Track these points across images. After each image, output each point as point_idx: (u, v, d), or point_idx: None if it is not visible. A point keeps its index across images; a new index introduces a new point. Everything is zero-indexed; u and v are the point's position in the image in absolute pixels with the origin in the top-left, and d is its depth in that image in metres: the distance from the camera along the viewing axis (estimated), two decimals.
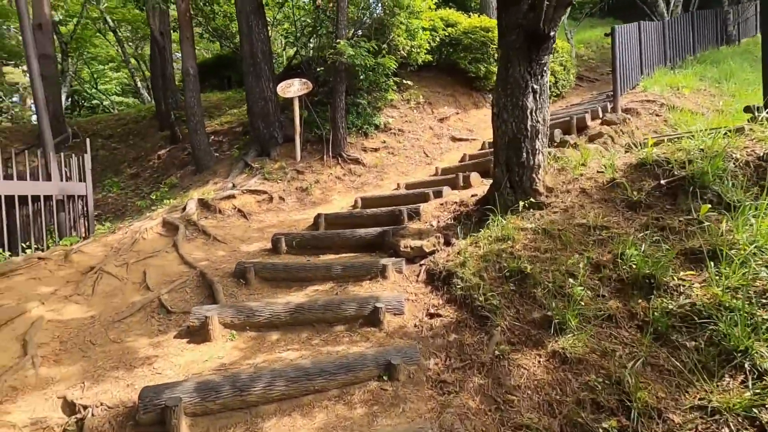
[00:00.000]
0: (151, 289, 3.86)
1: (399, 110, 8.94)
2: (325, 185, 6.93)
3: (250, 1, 7.44)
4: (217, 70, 16.02)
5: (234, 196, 6.18)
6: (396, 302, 3.22)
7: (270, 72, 7.81)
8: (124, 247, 4.64)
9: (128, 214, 8.48)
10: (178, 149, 10.46)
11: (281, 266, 3.95)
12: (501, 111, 3.83)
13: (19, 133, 13.41)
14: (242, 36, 7.67)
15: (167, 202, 6.93)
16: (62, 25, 17.98)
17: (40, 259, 4.07)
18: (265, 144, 7.80)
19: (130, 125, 12.54)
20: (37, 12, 11.57)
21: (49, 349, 2.95)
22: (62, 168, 6.73)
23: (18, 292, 3.60)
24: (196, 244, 5.00)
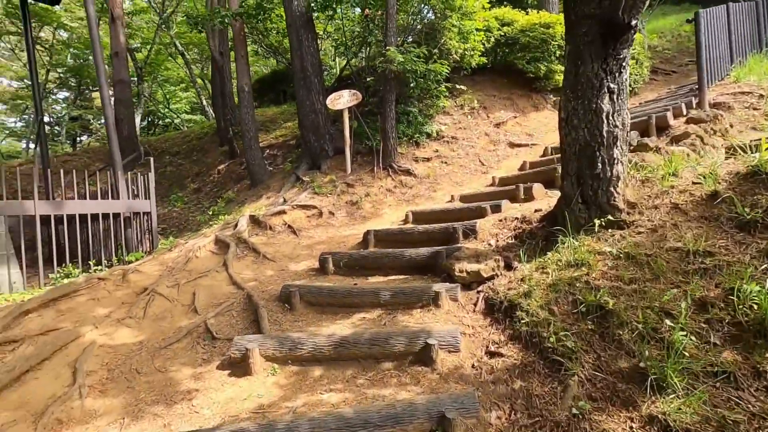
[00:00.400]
0: (199, 312, 3.81)
1: (452, 117, 8.53)
2: (375, 198, 6.70)
3: (299, 15, 7.46)
4: (273, 85, 16.56)
5: (284, 211, 6.13)
6: (450, 338, 2.85)
7: (320, 85, 7.77)
8: (177, 266, 4.69)
9: (189, 228, 8.82)
10: (236, 164, 10.81)
11: (326, 291, 3.72)
12: (570, 116, 3.34)
13: (101, 153, 14.67)
14: (293, 51, 7.70)
15: (222, 218, 7.07)
16: (138, 52, 19.62)
17: (100, 280, 4.19)
18: (316, 157, 7.75)
19: (194, 142, 13.23)
20: (114, 42, 12.61)
21: (97, 378, 2.93)
22: (130, 186, 7.12)
23: (77, 314, 3.70)
24: (245, 263, 4.95)
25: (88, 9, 7.16)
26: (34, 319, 3.58)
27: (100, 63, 7.14)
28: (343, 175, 7.22)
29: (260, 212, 6.13)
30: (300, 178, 7.48)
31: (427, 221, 5.40)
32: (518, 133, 8.34)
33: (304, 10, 7.48)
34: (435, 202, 6.42)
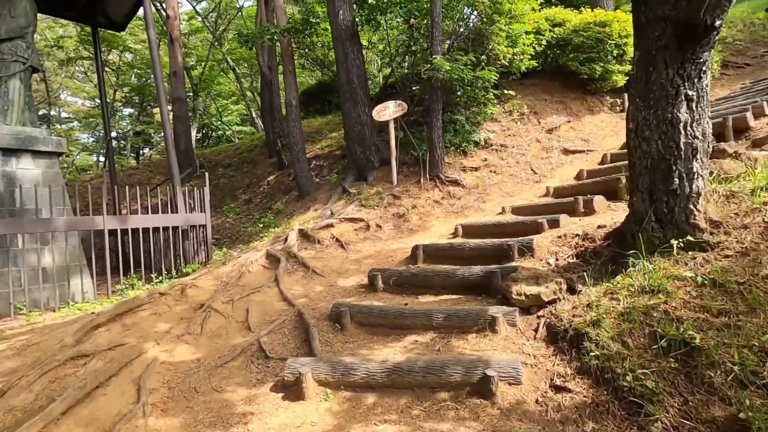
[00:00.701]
0: (252, 329, 3.86)
1: (500, 124, 8.25)
2: (422, 210, 6.58)
3: (345, 29, 7.52)
4: (319, 96, 16.92)
5: (332, 225, 6.16)
6: (511, 369, 2.67)
7: (366, 96, 7.79)
8: (231, 281, 4.82)
9: (241, 239, 9.12)
10: (284, 175, 11.09)
11: (377, 311, 3.65)
12: (640, 126, 3.07)
13: (161, 166, 15.62)
14: (339, 63, 7.78)
15: (273, 230, 7.23)
16: (193, 69, 20.81)
17: (161, 295, 4.38)
18: (362, 168, 7.75)
19: (245, 154, 13.76)
20: (173, 62, 13.42)
21: (159, 396, 3.02)
22: (187, 200, 7.47)
23: (140, 329, 3.87)
24: (295, 278, 5.00)
25: (149, 33, 7.63)
26: (103, 334, 3.78)
27: (160, 83, 7.57)
28: (390, 186, 7.16)
29: (308, 225, 6.20)
30: (346, 190, 7.51)
31: (478, 235, 5.21)
32: (572, 138, 7.92)
33: (349, 23, 7.54)
34: (485, 214, 6.19)
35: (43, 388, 3.14)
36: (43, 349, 3.84)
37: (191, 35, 21.39)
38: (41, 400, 3.03)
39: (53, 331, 4.37)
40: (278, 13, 8.47)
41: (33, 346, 4.01)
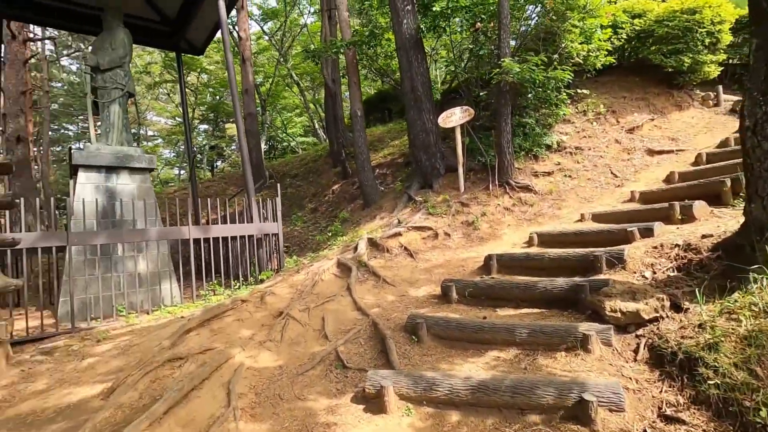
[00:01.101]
0: (329, 338, 3.92)
1: (574, 125, 7.79)
2: (492, 218, 6.36)
3: (409, 37, 7.54)
4: (379, 105, 17.17)
5: (400, 233, 6.14)
6: (611, 393, 2.45)
7: (430, 104, 7.73)
8: (306, 289, 4.95)
9: (309, 246, 9.42)
10: (348, 184, 11.33)
11: (455, 324, 3.54)
12: (760, 123, 2.70)
13: (234, 177, 16.67)
14: (402, 72, 7.80)
15: (341, 239, 7.38)
16: (262, 86, 22.08)
17: (243, 302, 4.61)
18: (428, 176, 7.68)
19: (310, 164, 14.26)
20: (244, 80, 14.31)
21: (247, 401, 3.15)
22: (260, 210, 7.86)
23: (226, 335, 4.08)
24: (367, 287, 5.03)
25: (227, 55, 8.19)
26: (193, 338, 4.04)
27: (236, 102, 8.08)
28: (457, 194, 7.02)
29: (377, 234, 6.24)
30: (412, 198, 7.47)
31: (556, 245, 4.92)
32: (658, 137, 7.26)
33: (413, 32, 7.55)
34: (561, 222, 5.84)
35: (146, 387, 3.41)
36: (143, 350, 4.20)
37: (259, 54, 22.73)
38: (145, 399, 3.29)
39: (150, 333, 4.76)
40: (343, 27, 8.71)
41: (134, 347, 4.39)
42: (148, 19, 9.96)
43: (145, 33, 10.05)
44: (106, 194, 7.33)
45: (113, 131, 8.00)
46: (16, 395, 3.75)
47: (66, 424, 3.21)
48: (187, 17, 9.97)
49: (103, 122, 8.05)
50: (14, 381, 4.02)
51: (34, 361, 4.39)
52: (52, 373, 4.07)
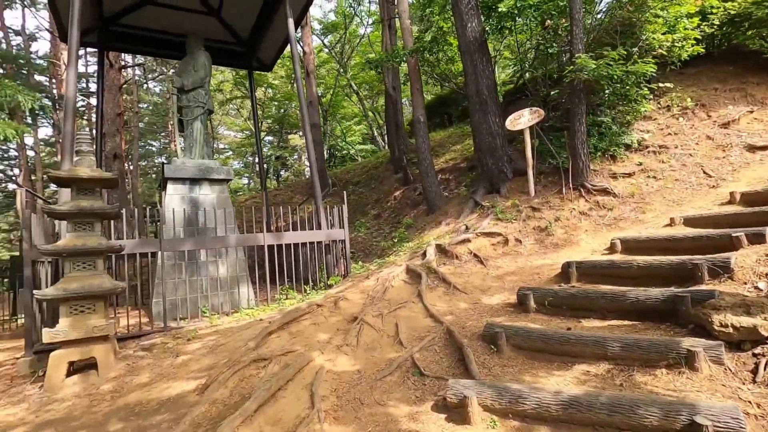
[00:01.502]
0: (404, 344, 3.93)
1: (656, 121, 7.21)
2: (567, 223, 6.04)
3: (473, 40, 7.44)
4: (438, 110, 17.09)
5: (469, 239, 6.04)
6: (729, 418, 2.20)
7: (496, 107, 7.55)
8: (377, 295, 5.02)
9: (373, 252, 9.56)
10: (410, 190, 11.37)
11: (537, 334, 3.39)
12: None
13: (299, 185, 17.41)
14: (467, 75, 7.71)
15: (406, 245, 7.40)
16: (322, 97, 22.92)
17: (318, 306, 4.77)
18: (495, 180, 7.49)
19: (371, 171, 14.51)
20: (308, 93, 14.92)
21: (329, 404, 3.24)
22: (328, 217, 8.12)
23: (304, 338, 4.24)
24: (437, 294, 4.99)
25: (296, 69, 8.60)
26: (274, 340, 4.25)
27: (305, 113, 8.45)
28: (527, 198, 6.77)
29: (445, 241, 6.17)
30: (479, 203, 7.32)
31: (644, 251, 4.56)
32: (759, 132, 6.50)
33: (477, 34, 7.44)
34: (647, 227, 5.41)
35: (235, 385, 3.63)
36: (229, 350, 4.48)
37: (320, 66, 23.64)
38: (235, 396, 3.50)
39: (233, 334, 5.07)
40: (405, 35, 8.79)
41: (221, 346, 4.70)
42: (224, 41, 10.76)
43: (221, 54, 10.85)
44: (190, 204, 7.96)
45: (196, 146, 8.69)
46: (124, 387, 4.16)
47: (168, 415, 3.50)
48: (257, 37, 10.63)
49: (187, 138, 8.79)
50: (121, 374, 4.47)
51: (137, 356, 4.85)
52: (152, 368, 4.47)
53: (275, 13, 9.42)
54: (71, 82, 6.33)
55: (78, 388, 4.27)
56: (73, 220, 4.62)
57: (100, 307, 4.60)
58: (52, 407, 3.97)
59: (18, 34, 21.41)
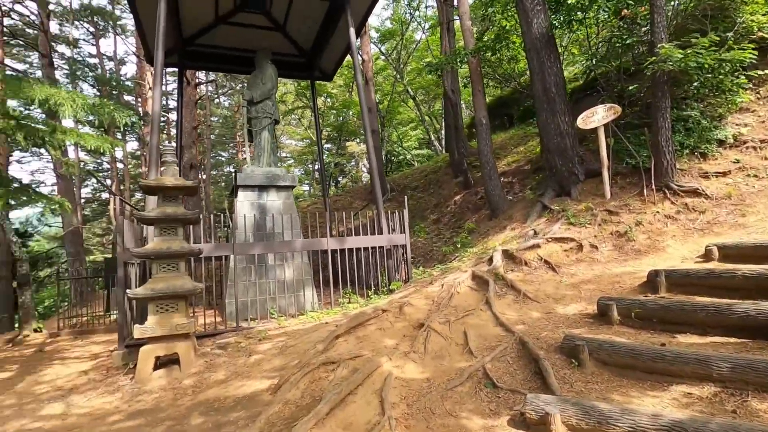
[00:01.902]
0: (474, 353, 3.79)
1: (755, 114, 6.42)
2: (650, 228, 5.53)
3: (540, 36, 7.11)
4: (498, 111, 16.57)
5: (538, 245, 5.73)
6: None
7: (564, 105, 7.15)
8: (443, 301, 4.90)
9: (434, 257, 9.42)
10: (471, 194, 11.10)
11: (625, 350, 3.10)
12: None
13: (357, 191, 17.70)
14: (533, 74, 7.38)
15: (469, 250, 7.20)
16: (380, 104, 23.21)
17: (383, 311, 4.75)
18: (564, 182, 7.08)
19: (430, 175, 14.38)
20: (367, 99, 15.15)
21: (400, 411, 3.19)
22: (389, 222, 8.12)
23: (371, 343, 4.24)
24: (506, 302, 4.77)
25: (357, 77, 8.76)
26: (342, 344, 4.28)
27: (366, 120, 8.56)
28: (601, 201, 6.31)
29: (512, 246, 5.91)
30: (547, 207, 6.95)
31: (751, 260, 4.03)
32: None
33: (544, 30, 7.11)
34: (749, 232, 4.80)
35: (306, 386, 3.70)
36: (298, 352, 4.59)
37: (376, 74, 23.98)
38: (306, 398, 3.56)
39: (301, 336, 5.21)
40: (466, 35, 8.63)
41: (290, 348, 4.84)
42: (288, 54, 11.25)
43: (286, 67, 11.34)
44: (258, 210, 8.35)
45: (264, 155, 9.13)
46: (203, 383, 4.41)
47: (244, 413, 3.64)
48: (319, 48, 11.00)
49: (256, 147, 9.26)
50: (201, 370, 4.75)
51: (214, 354, 5.13)
52: (228, 366, 4.70)
53: (336, 24, 9.69)
54: (157, 99, 6.91)
55: (163, 382, 4.59)
56: (159, 225, 5.01)
57: (182, 307, 4.93)
58: (142, 398, 4.30)
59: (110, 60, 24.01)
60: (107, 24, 21.17)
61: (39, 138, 5.51)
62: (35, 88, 4.83)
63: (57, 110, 5.06)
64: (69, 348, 7.65)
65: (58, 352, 7.37)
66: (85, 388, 4.95)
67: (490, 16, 8.52)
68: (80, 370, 5.78)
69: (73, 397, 4.62)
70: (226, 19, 10.04)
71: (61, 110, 5.06)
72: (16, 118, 5.29)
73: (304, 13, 9.87)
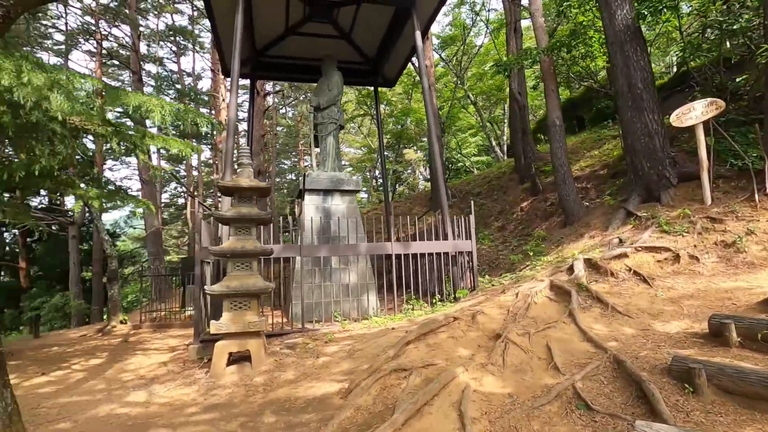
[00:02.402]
0: (561, 370, 3.44)
1: None
2: (765, 237, 4.80)
3: (625, 28, 6.55)
4: (568, 113, 15.65)
5: (625, 254, 5.19)
6: None
7: (653, 102, 6.50)
8: (519, 312, 4.56)
9: (501, 266, 8.98)
10: (540, 200, 10.50)
11: (755, 377, 2.62)
12: None
13: (417, 198, 17.53)
14: (616, 69, 6.81)
15: (543, 259, 6.74)
16: (440, 110, 22.96)
17: (455, 319, 4.51)
18: (652, 187, 6.41)
19: (493, 181, 13.87)
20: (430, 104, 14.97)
21: (481, 427, 2.94)
22: (454, 228, 7.85)
23: (443, 351, 4.02)
24: (592, 315, 4.33)
25: (423, 82, 8.65)
26: (412, 351, 4.10)
27: (431, 122, 8.41)
28: (700, 207, 5.61)
29: (594, 255, 5.41)
30: (632, 214, 6.32)
31: None
32: None
33: (629, 22, 6.54)
34: None
35: (377, 393, 3.55)
36: (367, 356, 4.48)
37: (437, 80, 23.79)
38: (378, 405, 3.42)
39: (368, 340, 5.10)
40: (538, 33, 8.21)
41: (358, 351, 4.74)
42: (352, 62, 11.40)
43: (350, 74, 11.52)
44: (323, 213, 8.45)
45: (329, 159, 9.27)
46: (273, 381, 4.43)
47: (314, 415, 3.57)
48: (382, 55, 11.05)
49: (321, 152, 9.43)
50: (271, 368, 4.79)
51: (282, 353, 5.18)
52: (297, 366, 4.70)
53: (401, 29, 9.67)
54: (233, 105, 7.26)
55: (236, 378, 4.69)
56: (234, 225, 5.17)
57: (254, 305, 5.03)
58: (216, 392, 4.40)
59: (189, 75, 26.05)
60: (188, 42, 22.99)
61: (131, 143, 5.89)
62: (130, 96, 5.17)
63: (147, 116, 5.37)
64: (149, 340, 8.18)
65: (140, 343, 7.91)
66: (165, 378, 5.20)
67: (564, 11, 8.03)
68: (160, 361, 6.11)
69: (155, 387, 4.86)
70: (296, 29, 10.40)
71: (151, 116, 5.37)
72: (113, 125, 5.70)
73: (369, 20, 9.97)
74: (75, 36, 18.99)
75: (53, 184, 5.93)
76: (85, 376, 5.76)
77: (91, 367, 6.28)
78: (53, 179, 5.88)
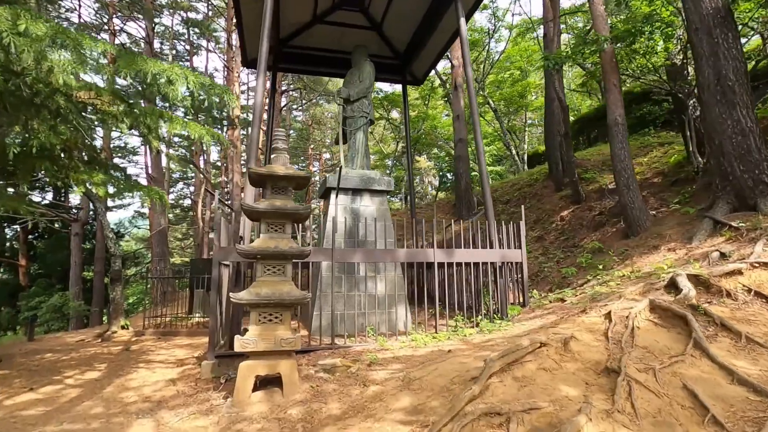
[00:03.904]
0: (726, 427, 2.52)
1: None
2: None
3: (713, 12, 5.73)
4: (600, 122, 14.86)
5: (739, 271, 4.28)
6: None
7: (746, 96, 5.65)
8: (621, 338, 3.65)
9: (546, 279, 8.07)
10: (583, 209, 9.61)
11: None
12: None
13: (440, 204, 16.64)
14: (698, 59, 5.97)
15: (615, 274, 5.82)
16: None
17: (542, 345, 3.60)
18: (746, 193, 5.52)
19: (524, 189, 13.00)
20: (455, 107, 14.23)
21: None
22: (501, 237, 6.95)
23: (540, 389, 3.11)
24: (723, 347, 3.41)
25: (467, 73, 7.83)
26: (498, 386, 3.19)
27: (476, 124, 7.58)
28: None
29: (701, 271, 4.50)
30: (723, 224, 5.42)
31: None
32: None
33: (719, 4, 5.71)
34: None
35: None
36: (432, 389, 3.56)
37: None
38: None
39: (423, 365, 4.18)
40: (598, 22, 7.40)
41: (416, 381, 3.81)
42: (381, 56, 10.62)
43: (378, 68, 10.75)
44: (351, 214, 7.57)
45: (358, 156, 8.43)
46: (314, 416, 3.52)
47: None
48: (413, 50, 10.30)
49: (350, 148, 8.59)
50: (307, 397, 3.88)
51: (319, 378, 4.27)
52: (341, 397, 3.79)
53: (437, 22, 8.91)
54: (260, 89, 6.45)
55: (264, 408, 3.78)
56: (266, 220, 4.31)
57: (286, 318, 4.14)
58: (242, 427, 3.50)
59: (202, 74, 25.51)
60: (202, 39, 22.42)
61: (145, 126, 5.03)
62: (148, 62, 4.34)
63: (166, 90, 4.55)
64: (154, 349, 7.28)
65: (143, 352, 7.01)
66: (175, 402, 4.29)
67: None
68: (167, 378, 5.21)
69: (163, 414, 3.96)
70: (324, 17, 9.67)
71: (171, 90, 4.53)
72: (126, 102, 4.81)
73: (404, 10, 9.22)
74: (88, 30, 18.43)
75: (54, 168, 5.10)
76: (80, 393, 4.86)
77: (87, 381, 5.38)
78: (53, 161, 5.04)
